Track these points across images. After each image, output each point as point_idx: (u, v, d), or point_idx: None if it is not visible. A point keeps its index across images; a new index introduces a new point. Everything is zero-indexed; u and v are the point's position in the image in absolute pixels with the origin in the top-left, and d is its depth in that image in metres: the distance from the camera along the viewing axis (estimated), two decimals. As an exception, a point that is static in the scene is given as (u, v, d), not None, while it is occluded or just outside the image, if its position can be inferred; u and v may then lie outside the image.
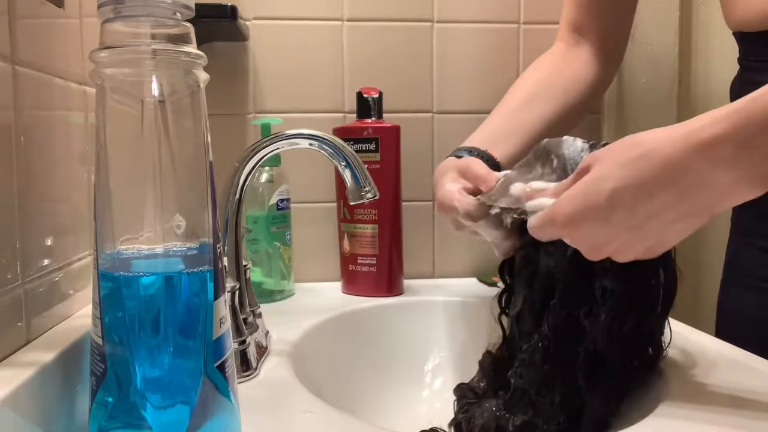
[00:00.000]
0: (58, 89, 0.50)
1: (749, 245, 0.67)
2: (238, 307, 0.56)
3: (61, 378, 0.41)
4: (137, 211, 0.35)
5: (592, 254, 0.46)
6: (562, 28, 0.76)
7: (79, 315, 0.52)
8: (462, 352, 0.72)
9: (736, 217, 0.70)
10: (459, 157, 0.64)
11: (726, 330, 0.68)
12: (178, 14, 0.34)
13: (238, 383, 0.39)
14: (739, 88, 0.65)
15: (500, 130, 0.69)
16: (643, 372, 0.52)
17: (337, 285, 0.85)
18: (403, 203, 0.84)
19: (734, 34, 0.65)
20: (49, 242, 0.47)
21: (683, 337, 0.62)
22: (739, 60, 0.66)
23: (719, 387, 0.49)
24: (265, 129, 0.80)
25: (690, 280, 0.99)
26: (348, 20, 0.89)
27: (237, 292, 0.56)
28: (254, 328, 0.59)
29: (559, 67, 0.73)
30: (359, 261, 0.82)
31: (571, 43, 0.74)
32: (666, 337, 0.53)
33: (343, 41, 0.89)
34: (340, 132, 0.81)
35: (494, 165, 0.63)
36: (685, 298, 0.99)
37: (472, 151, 0.65)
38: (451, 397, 0.61)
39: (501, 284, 0.58)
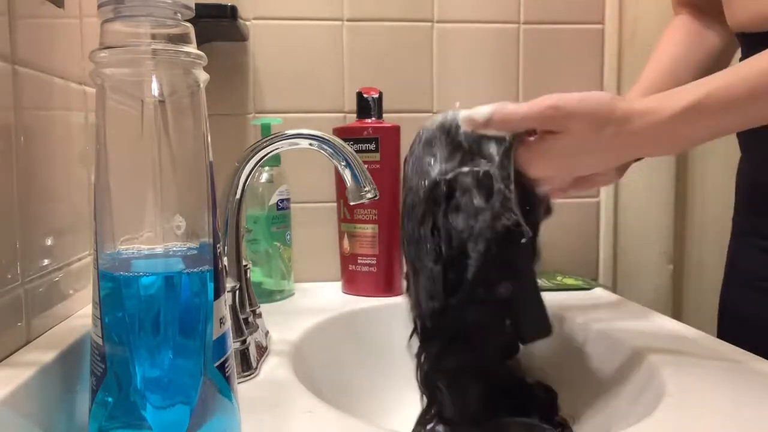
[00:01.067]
0: (58, 89, 0.50)
1: (750, 245, 0.67)
2: (238, 307, 0.56)
3: (61, 378, 0.41)
4: (137, 211, 0.35)
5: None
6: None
7: (79, 315, 0.52)
8: (462, 352, 0.72)
9: (738, 217, 0.70)
10: None
11: (727, 330, 0.68)
12: (178, 14, 0.34)
13: (238, 383, 0.39)
14: None
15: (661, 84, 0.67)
16: None
17: (337, 285, 0.85)
18: (403, 203, 0.84)
19: (736, 35, 0.65)
20: (49, 242, 0.47)
21: (683, 336, 0.62)
22: (742, 61, 0.65)
23: (718, 387, 0.49)
24: (265, 129, 0.80)
25: (692, 280, 0.99)
26: (348, 20, 0.89)
27: (237, 292, 0.56)
28: (254, 328, 0.59)
29: (696, 42, 0.72)
30: (359, 261, 0.82)
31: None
32: None
33: (343, 41, 0.89)
34: (340, 132, 0.81)
35: None
36: (686, 299, 0.99)
37: None
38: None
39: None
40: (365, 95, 0.82)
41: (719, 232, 0.94)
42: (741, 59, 0.65)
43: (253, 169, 0.59)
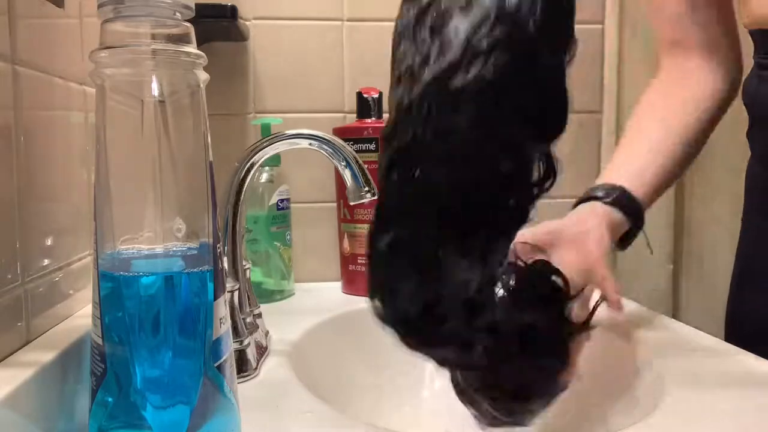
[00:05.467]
0: (58, 89, 0.50)
1: (763, 246, 0.66)
2: (237, 307, 0.56)
3: (61, 378, 0.41)
4: (137, 211, 0.35)
5: None
6: (662, 50, 0.69)
7: (79, 315, 0.52)
8: (462, 352, 0.72)
9: (748, 218, 0.69)
10: (597, 197, 0.57)
11: (738, 333, 0.67)
12: (178, 14, 0.34)
13: (238, 383, 0.39)
14: (757, 86, 0.64)
15: (642, 161, 0.62)
16: None
17: (337, 285, 0.85)
18: (403, 203, 0.84)
19: (751, 33, 0.64)
20: (49, 242, 0.47)
21: (683, 336, 0.62)
22: (756, 58, 0.65)
23: (719, 387, 0.49)
24: (265, 129, 0.80)
25: (692, 280, 0.99)
26: (348, 20, 0.89)
27: (237, 293, 0.56)
28: (254, 328, 0.59)
29: (677, 93, 0.66)
30: (359, 261, 0.82)
31: (677, 63, 0.68)
32: None
33: (343, 41, 0.89)
34: (340, 132, 0.81)
35: (635, 209, 0.58)
36: (686, 299, 0.99)
37: (613, 191, 0.58)
38: (452, 398, 0.60)
39: None
40: (365, 95, 0.82)
41: (720, 231, 0.94)
42: (756, 56, 0.65)
43: (253, 169, 0.59)
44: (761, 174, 0.66)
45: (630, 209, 0.57)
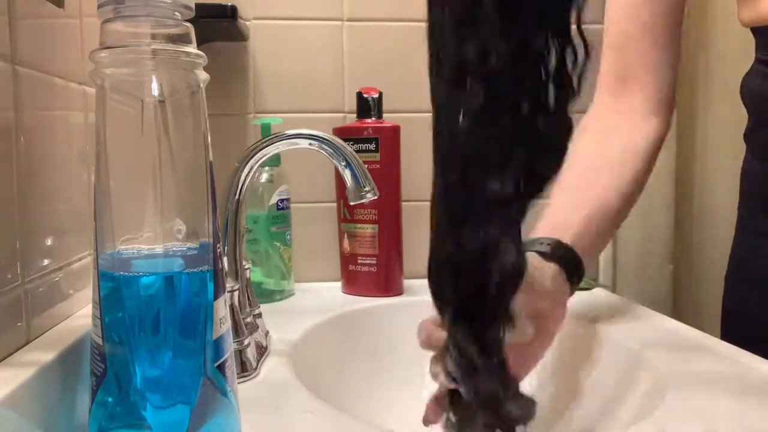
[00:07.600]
0: (58, 89, 0.50)
1: (762, 246, 0.66)
2: (237, 307, 0.56)
3: (61, 378, 0.41)
4: (137, 211, 0.35)
5: None
6: (605, 80, 0.68)
7: (79, 315, 0.52)
8: (462, 352, 0.72)
9: (746, 218, 0.69)
10: (544, 253, 0.55)
11: (733, 330, 0.68)
12: (178, 14, 0.34)
13: (238, 383, 0.39)
14: (762, 84, 0.64)
15: (565, 209, 0.59)
16: None
17: (337, 285, 0.85)
18: (403, 203, 0.84)
19: (755, 31, 0.63)
20: (49, 242, 0.47)
21: (683, 336, 0.62)
22: (761, 55, 0.64)
23: (719, 387, 0.49)
24: (265, 129, 0.80)
25: (692, 280, 0.99)
26: (348, 20, 0.89)
27: (237, 293, 0.56)
28: (254, 328, 0.59)
29: (610, 132, 0.65)
30: (359, 261, 0.82)
31: (616, 95, 0.66)
32: None
33: (343, 41, 0.89)
34: (340, 132, 0.81)
35: (566, 255, 0.55)
36: (686, 299, 0.99)
37: (534, 243, 0.55)
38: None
39: None
40: (365, 95, 0.82)
41: (720, 231, 0.94)
42: (758, 55, 0.64)
43: (253, 169, 0.59)
44: (764, 174, 0.66)
45: (576, 271, 0.56)
